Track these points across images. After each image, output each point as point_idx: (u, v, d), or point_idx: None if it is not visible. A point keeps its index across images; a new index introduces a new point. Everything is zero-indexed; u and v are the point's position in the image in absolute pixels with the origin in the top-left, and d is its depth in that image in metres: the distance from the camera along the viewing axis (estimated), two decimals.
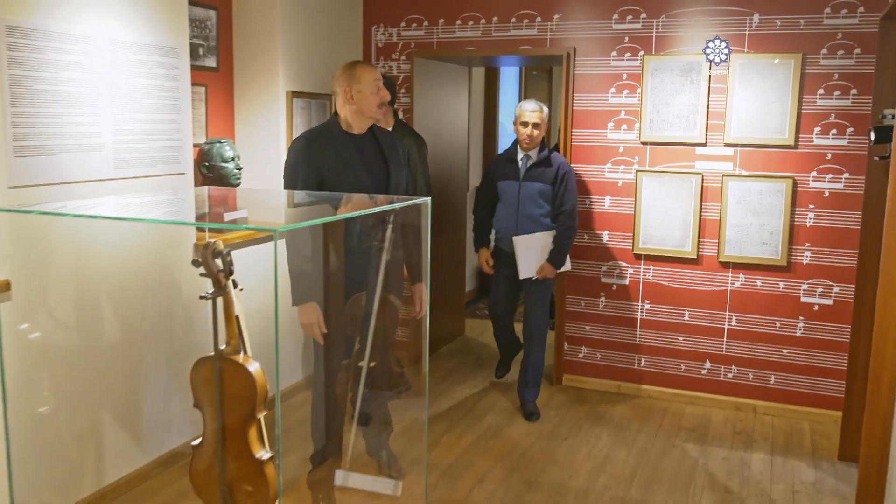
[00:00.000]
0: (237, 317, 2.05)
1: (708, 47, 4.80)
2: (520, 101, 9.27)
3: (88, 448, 3.62)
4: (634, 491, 3.96)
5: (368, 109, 3.46)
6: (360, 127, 3.52)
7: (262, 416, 2.06)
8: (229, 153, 4.46)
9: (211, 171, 4.44)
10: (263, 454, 2.08)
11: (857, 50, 4.56)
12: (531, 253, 4.76)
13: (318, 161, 3.39)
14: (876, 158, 3.91)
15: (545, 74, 9.12)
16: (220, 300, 2.18)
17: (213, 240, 1.96)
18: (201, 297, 1.99)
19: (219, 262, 1.99)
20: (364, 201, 3.17)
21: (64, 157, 3.40)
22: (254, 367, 2.03)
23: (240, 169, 4.52)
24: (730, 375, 5.07)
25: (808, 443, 4.59)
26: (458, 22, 5.43)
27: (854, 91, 4.59)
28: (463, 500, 3.83)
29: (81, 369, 3.54)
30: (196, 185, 4.34)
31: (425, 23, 5.52)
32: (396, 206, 2.89)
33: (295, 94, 4.93)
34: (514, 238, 4.74)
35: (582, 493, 3.94)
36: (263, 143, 4.89)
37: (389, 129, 4.67)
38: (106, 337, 3.67)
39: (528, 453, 4.38)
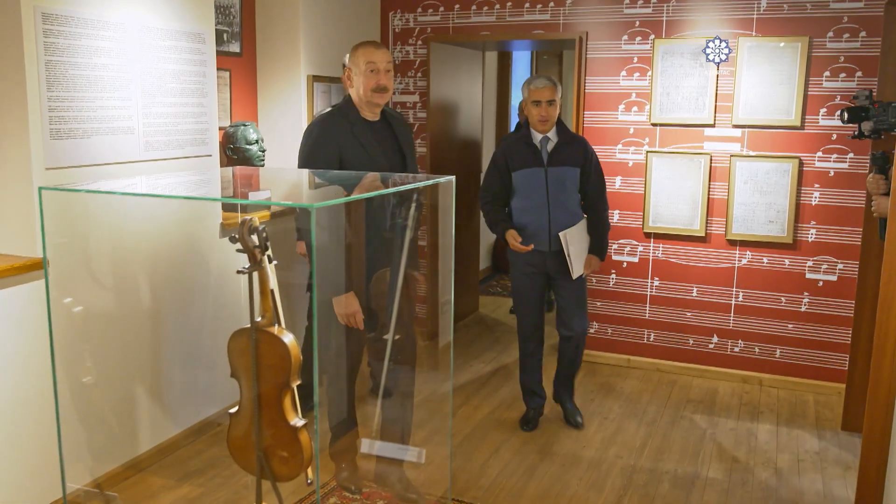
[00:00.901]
0: (272, 290, 2.17)
1: (708, 47, 4.92)
2: None
3: (126, 417, 3.80)
4: (645, 460, 4.12)
5: (364, 93, 3.34)
6: (368, 111, 3.42)
7: (295, 385, 2.19)
8: (253, 136, 4.62)
9: (236, 153, 4.59)
10: (297, 421, 2.20)
11: (863, 33, 4.67)
12: (580, 248, 4.30)
13: (338, 142, 3.32)
14: (849, 137, 4.07)
15: (556, 58, 9.22)
16: (255, 274, 2.31)
17: (249, 217, 2.09)
18: (238, 272, 2.11)
19: (255, 238, 2.12)
20: (387, 181, 3.21)
21: (97, 140, 3.54)
22: (288, 338, 2.16)
23: (263, 151, 4.67)
24: (736, 349, 5.22)
25: (813, 414, 4.74)
26: (473, 7, 5.56)
27: (859, 73, 4.71)
28: (480, 469, 4.00)
29: (118, 342, 3.71)
30: (221, 166, 4.50)
31: (441, 8, 5.65)
32: (421, 184, 2.98)
33: (315, 79, 5.08)
34: (563, 234, 4.19)
35: (594, 463, 4.09)
36: (285, 125, 5.03)
37: None
38: (138, 312, 3.84)
39: (542, 424, 4.54)
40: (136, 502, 3.64)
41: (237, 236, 2.05)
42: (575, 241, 4.23)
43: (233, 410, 2.27)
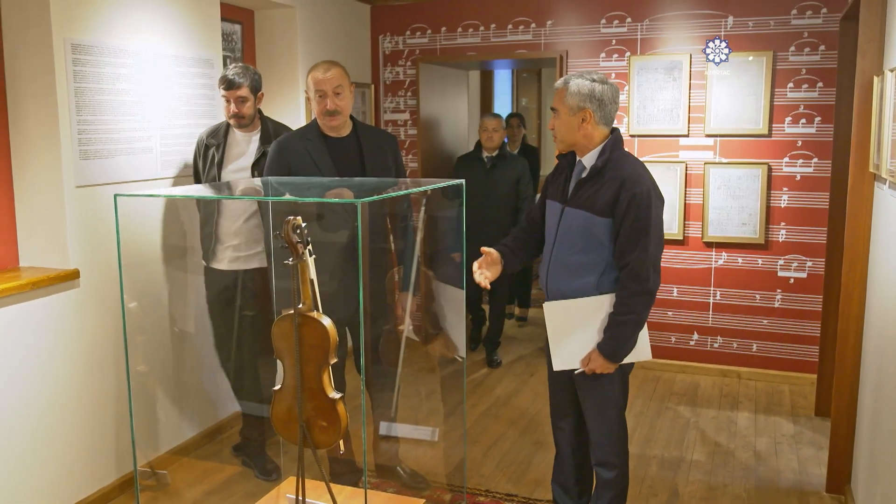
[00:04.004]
0: (311, 280, 2.46)
1: (708, 47, 5.26)
2: (513, 99, 9.70)
3: (169, 409, 4.14)
4: (635, 447, 4.41)
5: (318, 117, 3.48)
6: (331, 129, 3.51)
7: (332, 362, 2.48)
8: None
9: None
10: (335, 394, 2.49)
11: (822, 47, 5.05)
12: (568, 329, 2.93)
13: (288, 161, 3.49)
14: None
15: (535, 76, 9.59)
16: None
17: (292, 216, 2.38)
18: (284, 264, 2.41)
19: (297, 235, 2.41)
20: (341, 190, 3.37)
21: (121, 160, 3.81)
22: (327, 321, 2.45)
23: None
24: (716, 345, 5.55)
25: (788, 402, 5.07)
26: (459, 29, 5.90)
27: (820, 84, 5.08)
28: (481, 459, 4.28)
29: (159, 340, 4.04)
30: None
31: (429, 31, 5.98)
32: (430, 186, 3.25)
33: None
34: (548, 305, 2.95)
35: None
36: None
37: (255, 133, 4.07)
38: (165, 312, 4.13)
39: (536, 418, 4.84)
40: (183, 480, 4.01)
41: (282, 234, 2.34)
42: (563, 320, 2.93)
43: (276, 388, 2.55)
